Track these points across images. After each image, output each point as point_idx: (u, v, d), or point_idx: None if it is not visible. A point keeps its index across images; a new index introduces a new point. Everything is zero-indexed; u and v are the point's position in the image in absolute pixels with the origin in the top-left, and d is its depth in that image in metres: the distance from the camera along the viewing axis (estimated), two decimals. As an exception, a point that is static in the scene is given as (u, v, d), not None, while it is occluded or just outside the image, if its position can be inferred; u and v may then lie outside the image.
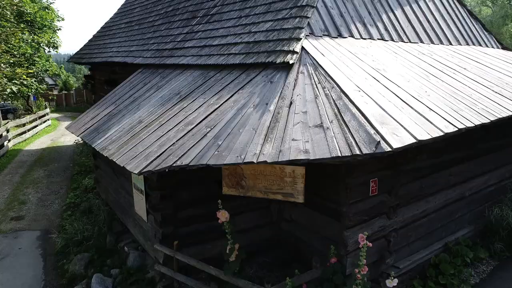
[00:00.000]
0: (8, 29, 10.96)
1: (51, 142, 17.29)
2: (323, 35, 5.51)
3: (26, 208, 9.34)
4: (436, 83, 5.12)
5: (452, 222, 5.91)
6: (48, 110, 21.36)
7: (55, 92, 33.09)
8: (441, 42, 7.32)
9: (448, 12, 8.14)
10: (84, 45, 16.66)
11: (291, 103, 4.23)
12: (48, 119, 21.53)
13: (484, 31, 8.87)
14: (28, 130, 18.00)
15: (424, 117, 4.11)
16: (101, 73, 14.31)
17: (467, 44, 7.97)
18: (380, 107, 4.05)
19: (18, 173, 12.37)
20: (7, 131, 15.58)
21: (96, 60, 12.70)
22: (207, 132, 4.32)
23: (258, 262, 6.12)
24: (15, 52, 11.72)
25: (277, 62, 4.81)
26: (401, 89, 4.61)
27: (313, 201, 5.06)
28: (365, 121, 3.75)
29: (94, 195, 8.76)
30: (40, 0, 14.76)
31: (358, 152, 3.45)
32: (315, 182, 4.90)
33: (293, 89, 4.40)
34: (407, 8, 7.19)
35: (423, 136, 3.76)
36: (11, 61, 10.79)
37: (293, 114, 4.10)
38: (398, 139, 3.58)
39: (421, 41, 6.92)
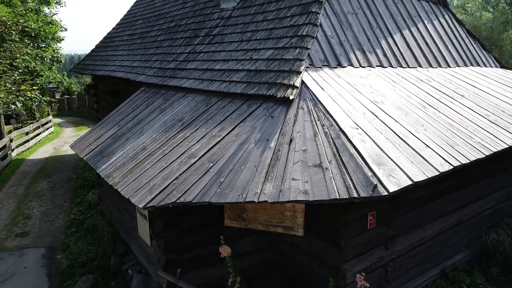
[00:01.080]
0: (13, 45, 11.13)
1: (54, 150, 17.44)
2: (323, 65, 5.64)
3: (31, 223, 9.48)
4: (433, 114, 5.24)
5: (449, 247, 6.03)
6: (50, 117, 21.51)
7: (57, 96, 33.26)
8: (440, 65, 7.44)
9: (446, 33, 8.26)
10: (87, 55, 16.82)
11: (291, 140, 4.36)
12: (51, 126, 21.68)
13: (483, 50, 8.98)
14: (31, 139, 18.15)
15: (420, 155, 4.23)
16: (104, 84, 14.46)
17: (466, 65, 8.09)
18: (377, 145, 4.17)
19: (22, 185, 12.51)
20: (11, 140, 15.73)
21: (99, 73, 12.84)
22: (210, 168, 4.45)
23: (259, 284, 6.25)
24: (19, 65, 11.87)
25: (277, 97, 4.93)
26: (398, 124, 4.73)
27: (313, 226, 5.18)
28: (363, 162, 3.87)
29: (97, 212, 8.90)
30: (44, 13, 14.92)
31: (355, 195, 3.58)
32: (315, 210, 5.02)
33: (293, 126, 4.52)
34: (405, 32, 7.31)
35: (419, 177, 3.89)
36: (16, 77, 10.94)
37: (293, 152, 4.23)
38: (394, 182, 3.71)
39: (420, 66, 7.04)
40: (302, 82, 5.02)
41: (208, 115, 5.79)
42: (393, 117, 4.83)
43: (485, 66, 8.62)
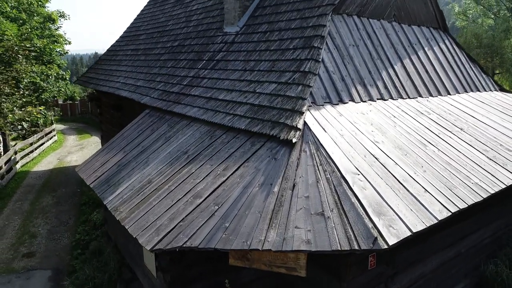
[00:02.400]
0: (19, 66, 11.32)
1: (58, 161, 17.60)
2: (325, 102, 5.77)
3: (37, 242, 9.64)
4: (433, 153, 5.37)
5: (448, 278, 6.16)
6: (54, 126, 21.66)
7: (60, 102, 33.42)
8: (440, 94, 7.57)
9: (447, 59, 8.38)
10: (91, 67, 16.98)
11: (294, 185, 4.49)
12: (54, 135, 21.85)
13: (482, 73, 9.10)
14: (35, 149, 18.31)
15: (419, 201, 4.36)
16: (108, 97, 14.60)
17: (465, 91, 8.21)
18: (378, 193, 4.30)
19: (27, 200, 12.68)
20: (16, 152, 15.89)
21: (103, 89, 12.97)
22: (215, 211, 4.59)
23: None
24: (25, 85, 12.06)
25: (280, 138, 5.06)
26: (398, 166, 4.86)
27: (315, 265, 5.31)
28: (363, 212, 4.01)
29: (103, 233, 9.05)
30: (48, 28, 15.11)
31: (356, 247, 3.72)
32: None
33: (295, 170, 4.66)
34: (406, 61, 7.44)
35: (418, 226, 4.03)
36: (23, 100, 11.13)
37: (296, 198, 4.37)
38: (394, 233, 3.85)
39: (420, 95, 7.16)
40: (305, 123, 5.16)
41: (212, 150, 5.93)
42: (393, 159, 4.96)
43: (485, 90, 8.74)
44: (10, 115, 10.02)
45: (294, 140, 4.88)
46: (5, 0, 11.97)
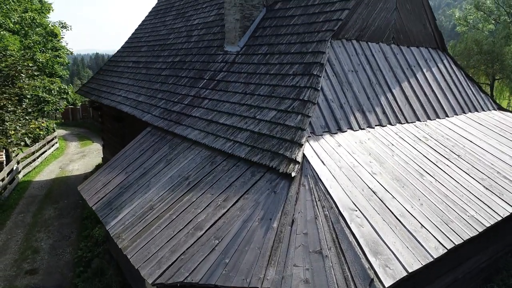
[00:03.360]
0: (21, 83, 11.45)
1: (60, 170, 17.72)
2: (324, 132, 5.86)
3: (40, 258, 9.75)
4: (430, 184, 5.46)
5: (445, 303, 6.25)
6: (56, 133, 21.78)
7: (62, 106, 33.55)
8: (438, 116, 7.65)
9: (445, 80, 8.47)
10: (92, 77, 17.09)
11: (293, 221, 4.59)
12: (56, 142, 21.97)
13: (480, 92, 9.18)
14: (37, 157, 18.43)
15: (415, 238, 4.45)
16: (110, 108, 14.69)
17: (463, 112, 8.29)
18: (375, 230, 4.39)
19: (29, 212, 12.79)
20: (18, 162, 16.01)
21: (104, 102, 13.07)
22: (216, 245, 4.69)
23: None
24: (28, 100, 12.19)
25: (280, 171, 5.15)
26: (395, 200, 4.95)
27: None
28: (360, 251, 4.10)
29: (104, 251, 9.16)
30: (51, 39, 15.26)
31: (353, 289, 3.81)
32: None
33: (294, 205, 4.75)
34: (404, 85, 7.52)
35: (414, 265, 4.12)
36: (26, 118, 11.26)
37: (295, 235, 4.46)
38: (390, 274, 3.94)
39: (418, 119, 7.25)
40: (304, 156, 5.25)
41: (213, 178, 6.02)
42: (391, 192, 5.05)
43: (483, 110, 8.82)
44: (13, 136, 10.13)
45: (293, 174, 4.97)
46: (7, 15, 12.11)
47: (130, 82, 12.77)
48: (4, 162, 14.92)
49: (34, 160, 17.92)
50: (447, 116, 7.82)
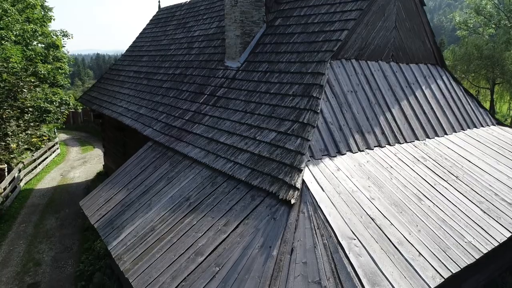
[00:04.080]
0: (24, 99, 11.56)
1: (61, 178, 17.80)
2: (323, 155, 5.93)
3: (42, 271, 9.82)
4: (428, 209, 5.52)
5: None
6: (57, 139, 21.88)
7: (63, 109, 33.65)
8: (437, 135, 7.71)
9: (444, 96, 8.52)
10: (93, 85, 17.15)
11: (292, 249, 4.65)
12: (57, 148, 22.05)
13: (479, 107, 9.24)
14: (39, 164, 18.51)
15: (413, 267, 4.52)
16: (111, 117, 14.77)
17: (462, 128, 8.35)
18: (373, 259, 4.46)
19: (31, 222, 12.87)
20: (19, 170, 16.09)
21: (106, 112, 13.14)
22: (216, 273, 4.76)
23: None
24: (30, 111, 12.30)
25: (279, 197, 5.22)
26: (393, 227, 5.01)
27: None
28: (358, 283, 4.17)
29: (106, 265, 9.23)
30: (53, 50, 15.37)
31: (351, 321, 3.88)
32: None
33: (294, 232, 4.82)
34: (404, 103, 7.58)
35: (411, 296, 4.18)
36: (29, 133, 11.35)
37: (294, 264, 4.53)
38: (388, 306, 4.00)
39: (417, 138, 7.31)
40: (303, 181, 5.31)
41: (213, 200, 6.09)
42: (389, 219, 5.11)
43: (482, 125, 8.88)
44: (16, 151, 10.24)
45: (292, 201, 5.04)
46: (9, 28, 12.20)
47: (131, 93, 12.84)
48: (6, 169, 15.02)
49: (35, 167, 18.00)
50: (445, 134, 7.88)
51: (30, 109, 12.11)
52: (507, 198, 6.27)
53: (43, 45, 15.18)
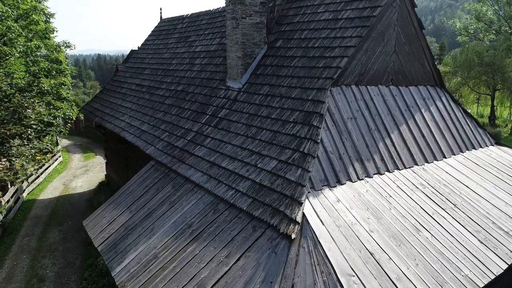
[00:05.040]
0: (28, 120, 11.72)
1: (64, 187, 17.94)
2: (323, 185, 6.03)
3: (45, 287, 9.95)
4: (425, 241, 5.62)
5: None
6: (60, 147, 22.02)
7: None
8: (435, 158, 7.81)
9: (443, 118, 8.62)
10: (95, 96, 17.29)
11: (292, 286, 4.76)
12: (60, 156, 22.20)
13: (478, 128, 9.33)
14: (41, 173, 18.65)
15: (411, 304, 4.63)
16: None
17: (461, 151, 8.44)
18: (372, 297, 4.57)
19: (34, 235, 13.00)
20: (22, 181, 16.21)
21: (108, 126, 13.25)
22: (218, 308, 4.87)
23: None
24: (33, 126, 12.44)
25: (280, 230, 5.33)
26: (392, 261, 5.12)
27: None
28: (357, 322, 4.28)
29: (109, 284, 9.35)
30: (56, 63, 15.52)
31: None
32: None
33: (294, 268, 4.93)
34: (403, 128, 7.68)
35: (408, 336, 4.29)
36: (33, 152, 11.49)
37: (295, 301, 4.64)
38: None
39: (416, 164, 7.41)
40: (303, 215, 5.42)
41: (216, 228, 6.20)
42: (388, 253, 5.22)
43: (480, 146, 8.97)
44: (20, 172, 10.40)
45: (293, 236, 5.15)
46: (14, 46, 12.33)
47: (133, 107, 12.96)
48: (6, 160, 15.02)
49: (38, 176, 18.15)
50: (444, 157, 7.98)
51: (34, 126, 12.25)
52: (504, 226, 6.38)
53: (46, 58, 15.32)
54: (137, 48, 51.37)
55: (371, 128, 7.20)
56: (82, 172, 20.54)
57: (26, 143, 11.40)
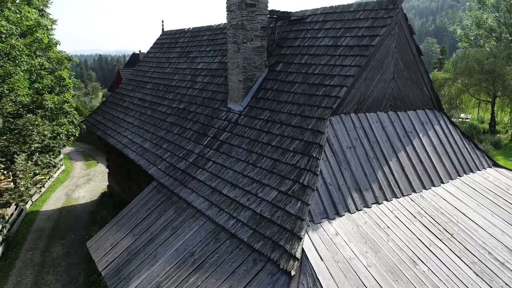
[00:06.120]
0: (32, 141, 11.91)
1: (66, 198, 18.10)
2: (322, 218, 6.17)
3: (49, 306, 10.11)
4: (422, 275, 5.76)
5: None
6: (62, 155, 22.18)
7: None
8: (433, 184, 7.94)
9: (441, 142, 8.75)
10: (98, 108, 17.46)
11: (292, 324, 4.91)
12: (62, 164, 22.36)
13: (476, 150, 9.46)
14: (44, 184, 18.80)
15: None
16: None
17: (459, 175, 8.57)
18: (369, 336, 4.71)
19: (38, 249, 13.16)
20: (26, 202, 16.37)
21: (110, 141, 13.40)
22: None
23: None
24: (38, 147, 12.62)
25: (280, 266, 5.47)
26: (389, 298, 5.26)
27: None
28: None
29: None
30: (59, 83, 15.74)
31: None
32: None
33: (294, 305, 5.07)
34: (401, 154, 7.81)
35: None
36: (38, 173, 11.67)
37: None
38: None
39: (414, 191, 7.54)
40: (303, 250, 5.56)
41: (217, 259, 6.35)
42: (385, 288, 5.36)
43: (478, 169, 9.10)
44: (25, 193, 10.57)
45: (292, 273, 5.29)
46: (17, 64, 12.49)
47: (135, 123, 13.10)
48: (11, 179, 15.20)
49: (41, 187, 18.30)
50: (442, 182, 8.11)
51: (37, 145, 12.43)
52: (500, 257, 6.51)
53: (50, 72, 15.51)
54: (139, 52, 51.19)
55: (370, 157, 7.33)
56: (84, 181, 20.71)
57: (29, 158, 11.57)
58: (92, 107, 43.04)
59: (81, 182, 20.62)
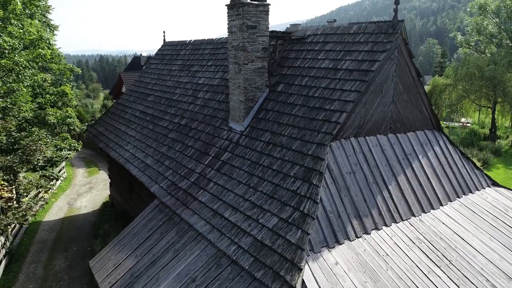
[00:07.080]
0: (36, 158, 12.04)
1: (68, 208, 18.21)
2: (322, 247, 6.26)
3: (52, 322, 10.21)
4: (420, 305, 5.85)
5: None
6: (63, 163, 22.30)
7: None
8: (432, 207, 8.02)
9: (440, 163, 8.83)
10: (99, 118, 17.56)
11: None
12: (64, 172, 22.47)
13: (475, 169, 9.54)
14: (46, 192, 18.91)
15: None
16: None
17: (458, 196, 8.65)
18: None
19: (40, 262, 13.27)
20: (28, 222, 16.46)
21: (112, 155, 13.49)
22: None
23: None
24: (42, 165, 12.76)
25: (281, 298, 5.56)
26: (387, 330, 5.35)
27: None
28: None
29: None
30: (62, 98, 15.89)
31: None
32: None
33: (294, 339, 5.16)
34: (400, 178, 7.90)
35: None
36: (40, 189, 11.78)
37: None
38: None
39: (413, 215, 7.62)
40: (303, 281, 5.65)
41: (219, 286, 6.45)
42: (383, 320, 5.45)
43: (477, 189, 9.18)
44: (28, 213, 10.69)
45: (293, 306, 5.38)
46: (21, 80, 12.61)
47: (137, 136, 13.20)
48: (14, 197, 15.34)
49: (43, 204, 18.39)
50: (441, 204, 8.19)
51: (41, 163, 12.55)
52: (497, 283, 6.59)
53: (52, 83, 15.64)
54: (140, 55, 51.35)
55: (369, 182, 7.41)
56: (86, 190, 20.81)
57: (36, 183, 11.70)
58: (94, 111, 43.15)
59: (83, 190, 20.74)
